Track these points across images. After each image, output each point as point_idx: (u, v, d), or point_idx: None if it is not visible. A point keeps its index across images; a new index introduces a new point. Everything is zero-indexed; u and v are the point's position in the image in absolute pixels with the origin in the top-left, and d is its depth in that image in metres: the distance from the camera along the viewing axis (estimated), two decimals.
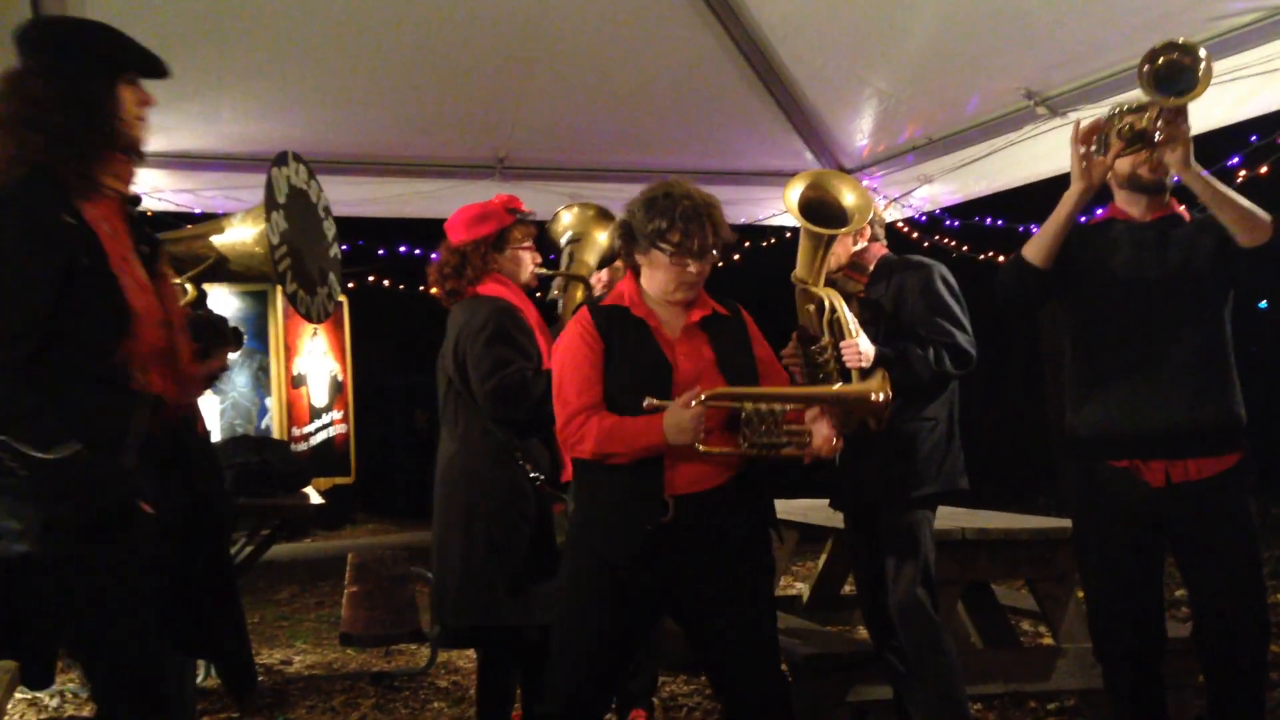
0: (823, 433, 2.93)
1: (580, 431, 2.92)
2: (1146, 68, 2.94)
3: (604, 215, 4.28)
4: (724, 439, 2.92)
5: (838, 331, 3.51)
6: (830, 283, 3.65)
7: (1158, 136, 3.04)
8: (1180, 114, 3.02)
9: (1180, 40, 2.97)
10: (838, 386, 3.11)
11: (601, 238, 4.24)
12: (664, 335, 3.00)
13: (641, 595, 2.95)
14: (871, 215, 3.84)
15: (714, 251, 2.99)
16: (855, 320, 3.54)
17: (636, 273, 3.07)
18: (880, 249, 3.91)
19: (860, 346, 3.48)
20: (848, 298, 3.68)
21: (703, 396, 2.83)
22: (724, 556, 2.96)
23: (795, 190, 3.51)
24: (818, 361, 3.54)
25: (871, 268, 3.85)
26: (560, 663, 2.98)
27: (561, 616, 3.03)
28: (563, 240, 4.32)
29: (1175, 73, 2.94)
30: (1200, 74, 2.90)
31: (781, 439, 2.91)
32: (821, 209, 3.50)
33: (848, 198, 3.51)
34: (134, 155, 2.61)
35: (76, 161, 2.47)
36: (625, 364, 2.95)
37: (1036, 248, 3.23)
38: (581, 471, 3.03)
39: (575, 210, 4.34)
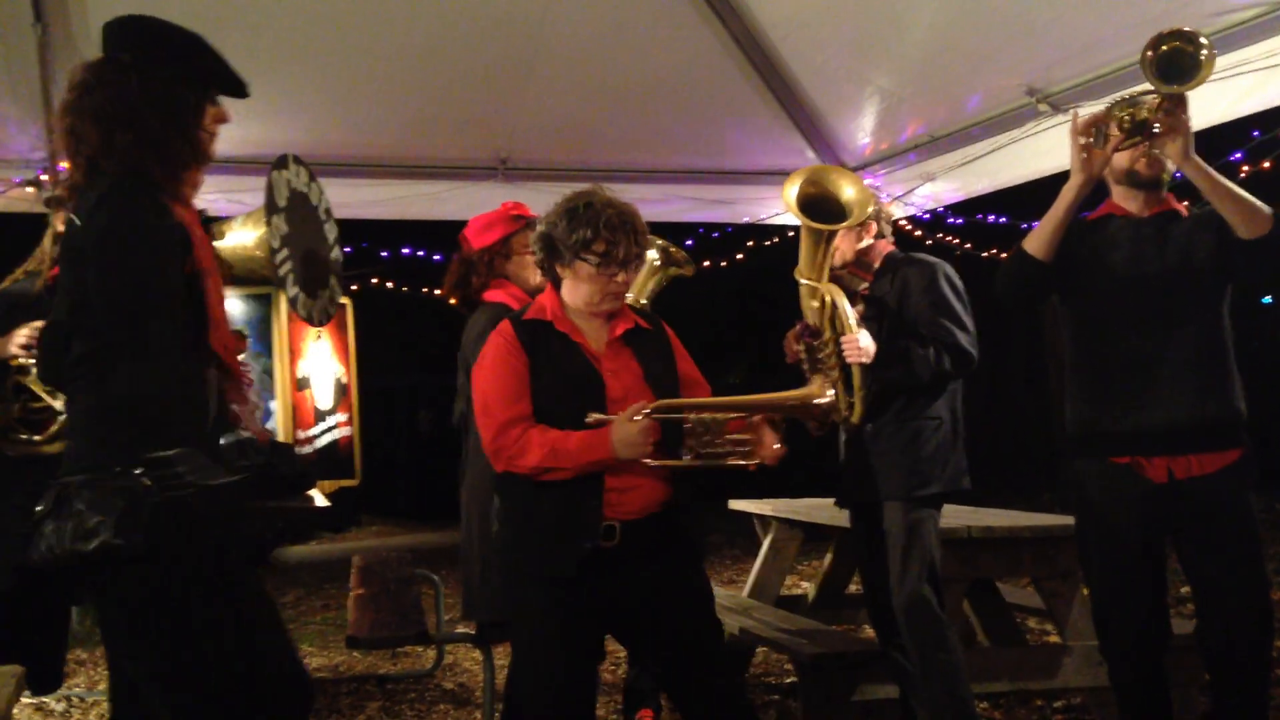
0: (766, 440, 2.91)
1: (520, 444, 2.82)
2: (1149, 54, 2.92)
3: None
4: (667, 452, 2.86)
5: (839, 327, 3.51)
6: (836, 279, 3.65)
7: (1157, 128, 3.03)
8: (1180, 104, 3.01)
9: (1184, 29, 2.95)
10: (779, 393, 3.05)
11: None
12: (589, 350, 2.94)
13: (589, 610, 2.87)
14: (878, 212, 3.84)
15: (637, 260, 2.96)
16: (856, 316, 3.54)
17: (557, 285, 3.01)
18: (886, 246, 3.91)
19: (860, 342, 3.48)
20: (852, 294, 3.68)
21: (648, 409, 2.79)
22: (671, 582, 2.92)
23: (794, 187, 3.50)
24: (819, 357, 3.54)
25: (877, 264, 3.85)
26: (521, 681, 2.95)
27: (516, 638, 3.01)
28: None
29: (1178, 61, 2.92)
30: (1202, 62, 2.88)
31: (726, 448, 2.88)
32: (821, 205, 3.50)
33: (847, 192, 3.51)
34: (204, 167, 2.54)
35: (165, 166, 2.38)
36: (553, 378, 2.89)
37: (1037, 241, 3.22)
38: (509, 487, 2.96)
39: None
